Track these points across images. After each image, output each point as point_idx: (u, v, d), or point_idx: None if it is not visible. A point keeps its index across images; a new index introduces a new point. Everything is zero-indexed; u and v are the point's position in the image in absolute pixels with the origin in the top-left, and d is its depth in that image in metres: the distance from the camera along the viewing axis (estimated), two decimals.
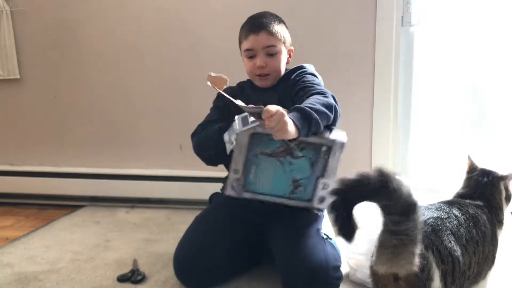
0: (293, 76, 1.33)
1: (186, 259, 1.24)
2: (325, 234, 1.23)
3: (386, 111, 1.88)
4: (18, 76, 2.11)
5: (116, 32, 2.03)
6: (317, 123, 1.08)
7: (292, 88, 1.30)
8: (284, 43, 1.33)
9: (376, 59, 1.86)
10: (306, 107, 1.08)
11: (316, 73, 1.37)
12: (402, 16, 1.84)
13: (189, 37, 1.98)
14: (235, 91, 1.41)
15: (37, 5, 2.06)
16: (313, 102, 1.12)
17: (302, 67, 1.36)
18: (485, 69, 1.86)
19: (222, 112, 1.39)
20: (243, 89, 1.42)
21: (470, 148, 1.91)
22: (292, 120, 1.04)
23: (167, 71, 2.02)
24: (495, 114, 1.90)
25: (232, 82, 1.46)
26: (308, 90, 1.23)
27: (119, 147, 2.11)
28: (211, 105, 1.45)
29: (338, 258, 1.20)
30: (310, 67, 1.39)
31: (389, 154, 1.91)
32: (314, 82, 1.28)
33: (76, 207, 2.07)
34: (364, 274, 1.24)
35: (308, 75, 1.31)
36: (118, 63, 2.05)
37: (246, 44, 1.32)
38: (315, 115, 1.07)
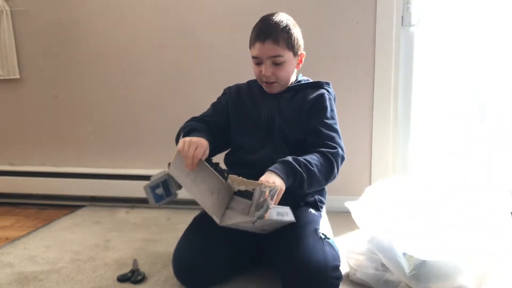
0: (311, 97, 1.31)
1: (185, 260, 1.23)
2: (323, 234, 1.23)
3: (386, 111, 1.88)
4: (18, 76, 2.11)
5: (116, 32, 2.03)
6: (302, 182, 1.15)
7: (306, 106, 1.30)
8: (292, 51, 1.28)
9: (376, 59, 1.86)
10: (299, 164, 1.15)
11: (332, 92, 1.37)
12: (402, 16, 1.84)
13: (189, 37, 1.98)
14: (242, 89, 1.41)
15: (37, 5, 2.06)
16: (315, 162, 1.18)
17: (323, 91, 1.33)
18: (485, 69, 1.86)
19: (220, 110, 1.39)
20: (251, 88, 1.40)
21: (470, 148, 1.91)
22: (277, 173, 1.11)
23: (167, 71, 2.02)
24: (496, 114, 1.90)
25: (233, 82, 1.47)
26: (320, 138, 1.25)
27: (119, 147, 2.11)
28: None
29: (337, 258, 1.20)
30: (331, 91, 1.37)
31: (389, 154, 1.91)
32: (332, 125, 1.29)
33: (76, 207, 2.07)
34: (364, 274, 1.25)
35: (328, 111, 1.30)
36: (118, 63, 2.05)
37: (253, 51, 1.29)
38: (304, 175, 1.15)
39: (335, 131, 1.29)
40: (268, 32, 1.25)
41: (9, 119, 2.18)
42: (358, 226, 1.31)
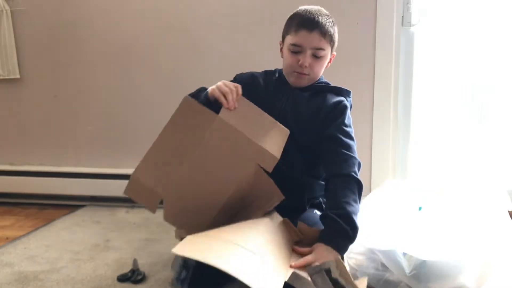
0: (330, 103, 1.26)
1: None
2: None
3: (386, 111, 1.88)
4: (18, 76, 2.11)
5: (116, 32, 2.03)
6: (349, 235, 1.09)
7: (323, 112, 1.25)
8: (332, 47, 1.26)
9: (376, 59, 1.86)
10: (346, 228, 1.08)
11: (350, 102, 1.34)
12: (402, 16, 1.84)
13: (189, 37, 1.98)
14: (257, 76, 1.35)
15: (37, 5, 2.06)
16: (353, 198, 1.12)
17: (343, 99, 1.29)
18: (485, 69, 1.87)
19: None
20: (267, 76, 1.34)
21: (470, 148, 1.91)
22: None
23: (167, 71, 2.02)
24: (496, 114, 1.90)
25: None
26: (339, 146, 1.20)
27: (119, 147, 2.11)
28: None
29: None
30: (350, 100, 1.33)
31: (389, 155, 1.91)
32: (350, 133, 1.24)
33: (76, 207, 2.07)
34: (364, 274, 1.24)
35: (346, 119, 1.26)
36: (118, 63, 2.05)
37: (294, 38, 1.23)
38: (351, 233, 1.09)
39: (353, 139, 1.25)
40: (317, 22, 1.22)
41: (9, 119, 2.18)
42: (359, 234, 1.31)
